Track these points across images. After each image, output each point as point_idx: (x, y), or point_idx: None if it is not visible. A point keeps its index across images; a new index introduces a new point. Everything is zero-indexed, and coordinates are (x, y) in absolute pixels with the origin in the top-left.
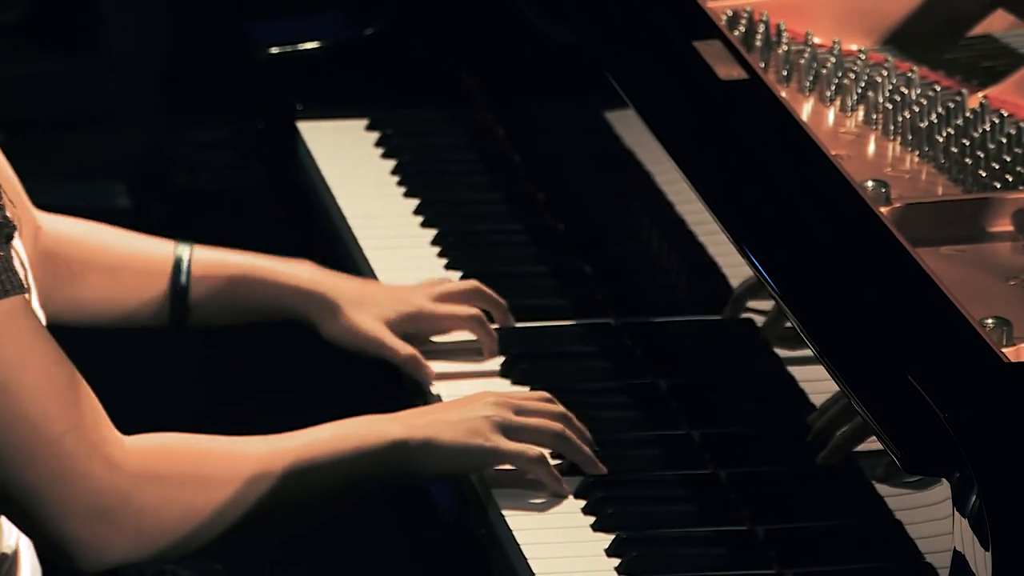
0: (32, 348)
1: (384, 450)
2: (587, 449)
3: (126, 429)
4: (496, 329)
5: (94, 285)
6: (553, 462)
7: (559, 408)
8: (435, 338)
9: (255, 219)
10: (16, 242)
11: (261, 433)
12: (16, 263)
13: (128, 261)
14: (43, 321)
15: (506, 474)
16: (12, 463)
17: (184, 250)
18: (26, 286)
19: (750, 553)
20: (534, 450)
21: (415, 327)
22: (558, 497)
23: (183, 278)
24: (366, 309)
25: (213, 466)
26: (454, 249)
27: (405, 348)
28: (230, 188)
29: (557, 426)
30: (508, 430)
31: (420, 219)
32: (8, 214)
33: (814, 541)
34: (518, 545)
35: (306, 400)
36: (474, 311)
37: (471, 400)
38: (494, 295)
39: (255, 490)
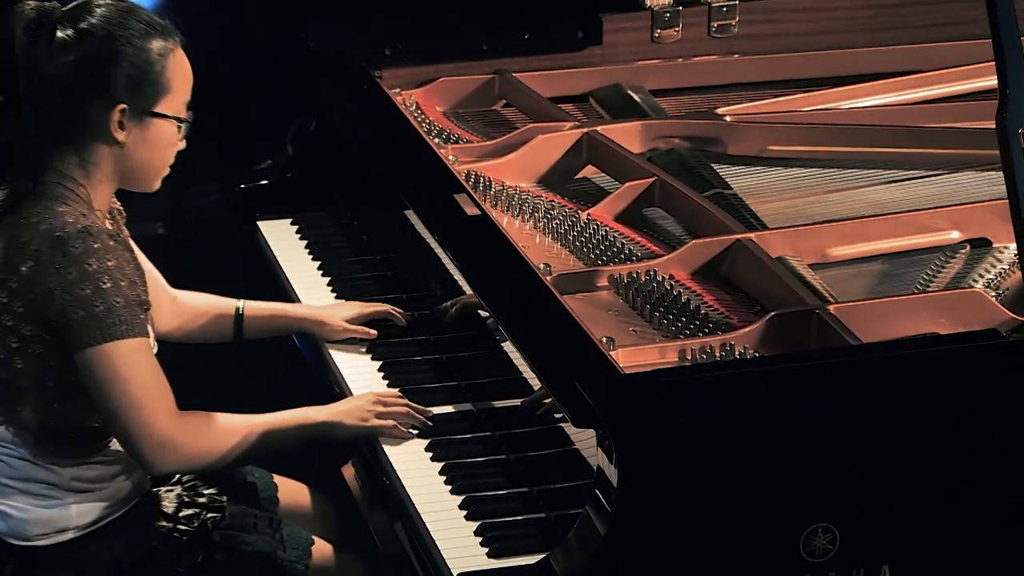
0: (148, 363)
1: (314, 426)
2: (421, 417)
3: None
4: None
5: (201, 323)
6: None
7: (403, 400)
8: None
9: (236, 259)
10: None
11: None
12: (149, 322)
13: (216, 311)
14: (155, 347)
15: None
16: (127, 415)
17: (241, 302)
18: (149, 332)
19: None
20: (390, 423)
21: (355, 320)
22: (410, 440)
23: (241, 314)
24: (334, 319)
25: (222, 425)
26: (334, 283)
27: (359, 328)
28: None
29: (402, 409)
30: (380, 414)
31: (318, 267)
32: (147, 298)
33: (540, 457)
34: (394, 467)
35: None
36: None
37: (362, 397)
38: (388, 308)
39: (245, 439)
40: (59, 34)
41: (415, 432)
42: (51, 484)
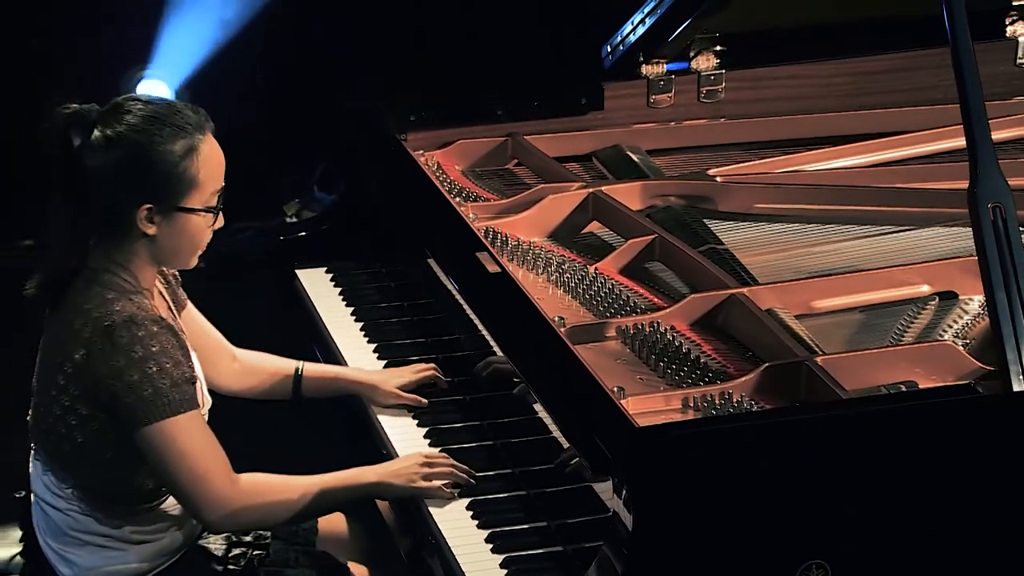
0: (200, 434)
1: (365, 486)
2: (463, 475)
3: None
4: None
5: (262, 381)
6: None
7: (447, 458)
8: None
9: (272, 306)
10: (201, 380)
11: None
12: (198, 391)
13: (276, 371)
14: (206, 414)
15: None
16: (187, 485)
17: (300, 364)
18: (199, 403)
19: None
20: (436, 484)
21: (405, 387)
22: (452, 501)
23: (300, 375)
24: (387, 385)
25: (282, 489)
26: (365, 327)
27: (410, 396)
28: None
29: (447, 469)
30: (426, 476)
31: (351, 312)
32: (193, 373)
33: (557, 493)
34: (436, 522)
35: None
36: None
37: (410, 457)
38: (433, 373)
39: (300, 499)
40: (92, 136)
41: (457, 492)
42: (113, 537)
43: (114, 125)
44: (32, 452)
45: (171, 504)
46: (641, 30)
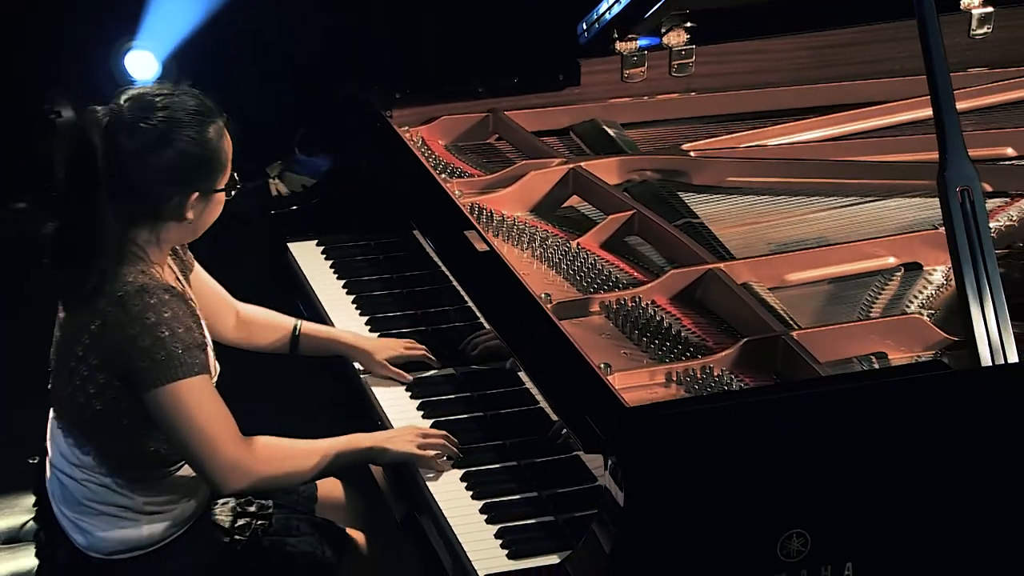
0: (210, 397)
1: (363, 451)
2: (454, 449)
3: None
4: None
5: (263, 335)
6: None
7: (441, 432)
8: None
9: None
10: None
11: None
12: (208, 357)
13: (276, 326)
14: (215, 378)
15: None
16: (196, 444)
17: (298, 322)
18: (209, 369)
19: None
20: (430, 453)
21: (394, 360)
22: (445, 471)
23: (297, 333)
24: (379, 354)
25: (286, 451)
26: (357, 301)
27: (396, 370)
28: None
29: (440, 441)
30: (420, 445)
31: (343, 285)
32: (204, 340)
33: (546, 463)
34: (432, 494)
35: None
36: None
37: (405, 428)
38: (423, 351)
39: (303, 461)
40: (134, 133)
41: (451, 462)
42: (126, 508)
43: (152, 117)
44: (51, 420)
45: (182, 475)
46: (617, 8)
